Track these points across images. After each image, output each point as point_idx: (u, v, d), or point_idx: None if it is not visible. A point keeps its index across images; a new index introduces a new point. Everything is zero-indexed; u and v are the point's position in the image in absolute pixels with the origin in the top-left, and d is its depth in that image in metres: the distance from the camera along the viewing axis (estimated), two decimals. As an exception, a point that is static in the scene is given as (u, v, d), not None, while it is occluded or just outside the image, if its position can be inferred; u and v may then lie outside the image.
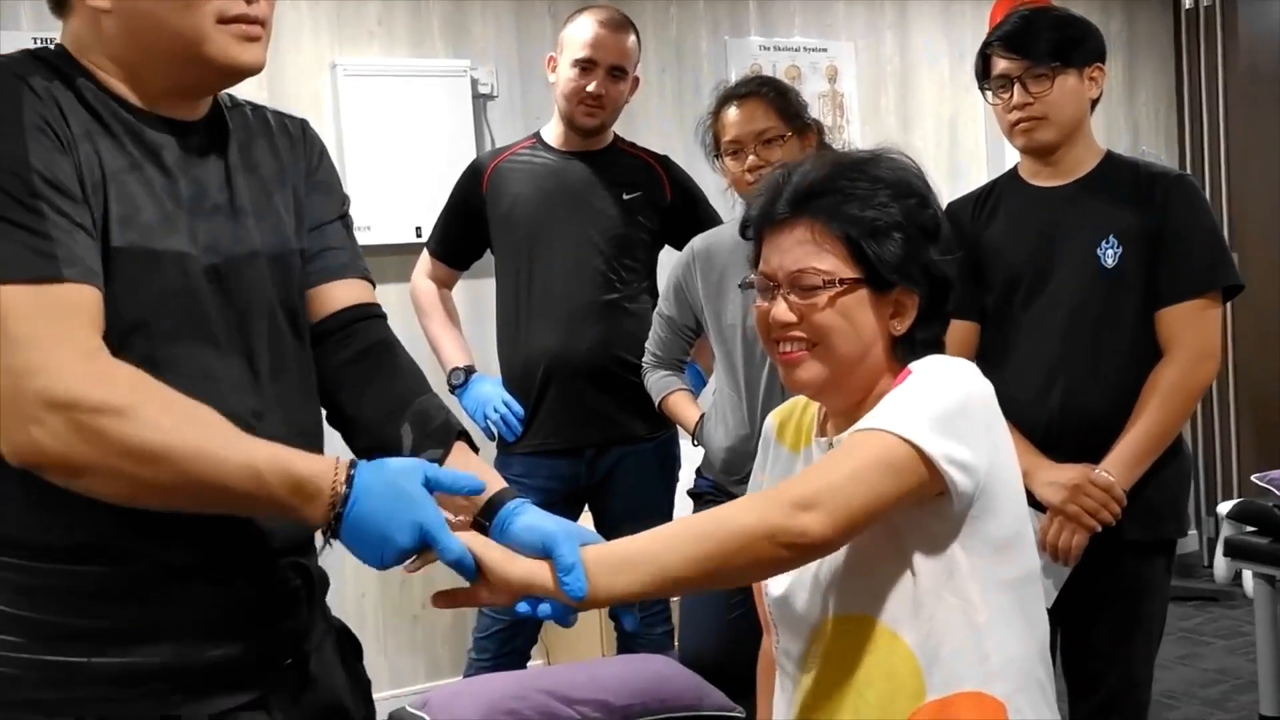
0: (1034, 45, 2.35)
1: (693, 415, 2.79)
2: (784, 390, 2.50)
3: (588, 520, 3.12)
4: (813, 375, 1.46)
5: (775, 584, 1.52)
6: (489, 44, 4.12)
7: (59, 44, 1.35)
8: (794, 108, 2.61)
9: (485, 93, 4.11)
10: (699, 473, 2.81)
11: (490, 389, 3.03)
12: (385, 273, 3.56)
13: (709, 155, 2.68)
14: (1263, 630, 3.62)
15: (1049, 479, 2.29)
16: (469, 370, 3.07)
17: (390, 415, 1.44)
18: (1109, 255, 2.34)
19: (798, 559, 1.35)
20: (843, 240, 1.43)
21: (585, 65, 2.92)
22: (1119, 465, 2.27)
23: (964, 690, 1.40)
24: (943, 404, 1.37)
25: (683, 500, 3.04)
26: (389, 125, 3.89)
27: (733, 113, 2.59)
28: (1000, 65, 2.39)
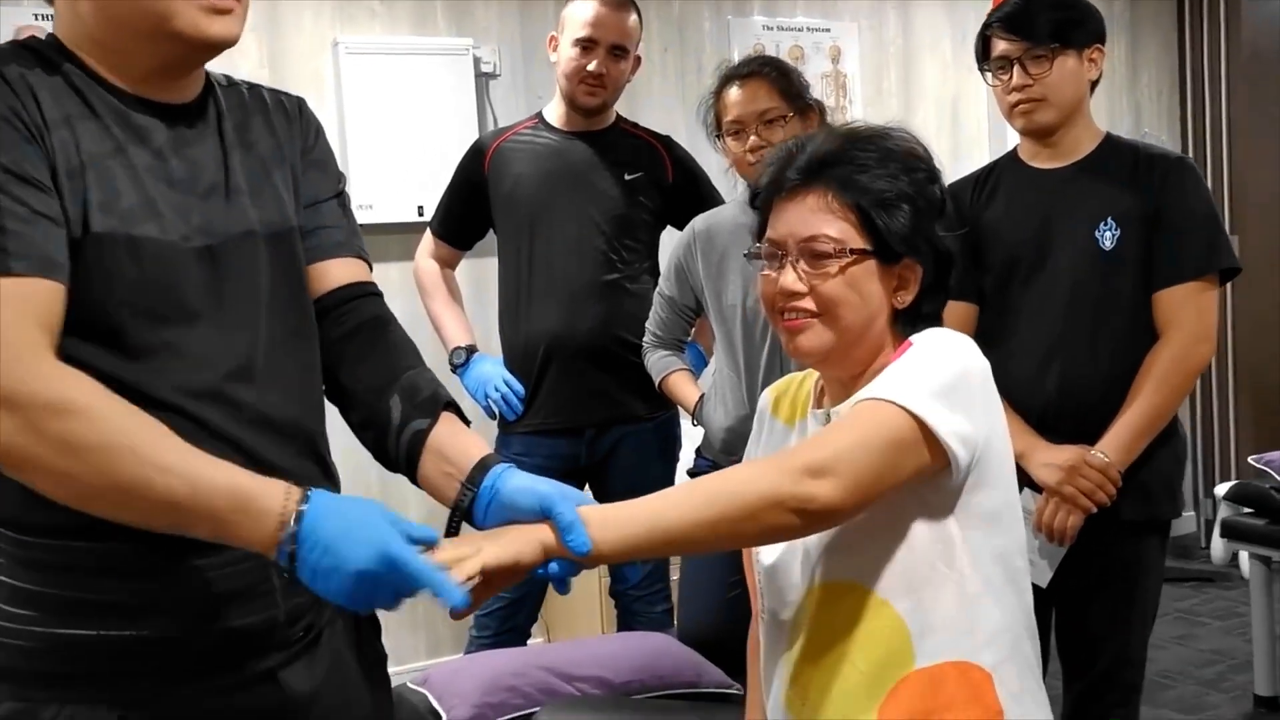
0: (1034, 26, 2.35)
1: (692, 395, 2.80)
2: (784, 370, 2.53)
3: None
4: (817, 343, 1.46)
5: (767, 552, 1.53)
6: (491, 23, 4.11)
7: (50, 33, 1.35)
8: (796, 88, 2.60)
9: (488, 72, 4.11)
10: (698, 453, 2.82)
11: (491, 368, 3.04)
12: (387, 252, 3.58)
13: (710, 135, 2.68)
14: (1258, 611, 3.65)
15: (1045, 460, 2.30)
16: (470, 349, 3.07)
17: (381, 388, 1.44)
18: (1107, 237, 2.35)
19: (808, 525, 1.36)
20: (854, 209, 1.45)
21: (586, 44, 2.92)
22: (1115, 446, 2.28)
23: (952, 659, 1.41)
24: (943, 376, 1.39)
25: (682, 480, 3.06)
26: (391, 104, 3.88)
27: (735, 92, 2.59)
28: (1000, 46, 2.39)
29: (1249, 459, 3.83)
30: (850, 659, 1.44)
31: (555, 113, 3.05)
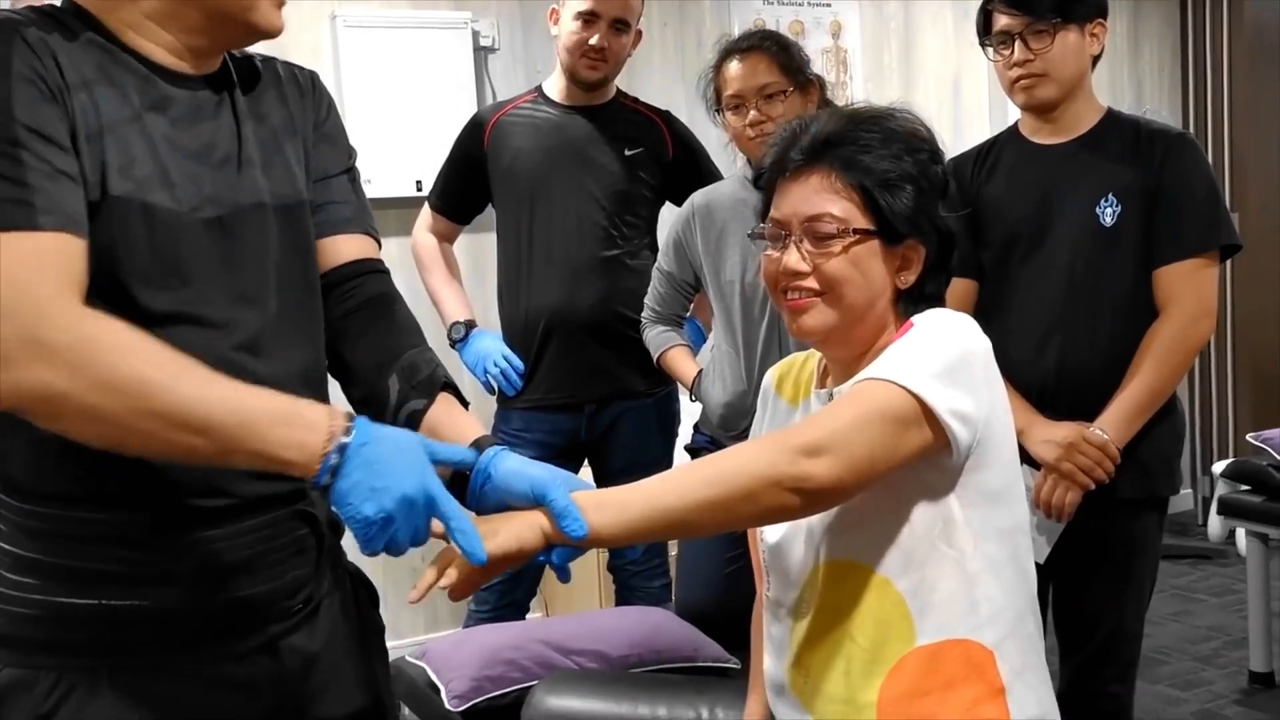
0: (1035, 1, 2.33)
1: (691, 371, 2.80)
2: (782, 346, 2.53)
3: (587, 475, 3.15)
4: (819, 322, 1.47)
5: (771, 531, 1.54)
6: (490, -4, 4.09)
7: (67, 0, 1.35)
8: (796, 63, 2.59)
9: (487, 45, 4.09)
10: (696, 428, 2.82)
11: (490, 343, 3.04)
12: (386, 226, 3.51)
13: (710, 110, 2.67)
14: (1254, 588, 3.66)
15: (1044, 436, 2.30)
16: (469, 325, 3.07)
17: (381, 367, 1.45)
18: (1108, 213, 2.34)
19: (807, 505, 1.36)
20: (857, 190, 1.45)
21: (588, 18, 2.90)
22: (1113, 423, 2.28)
23: (954, 637, 1.42)
24: (945, 356, 1.39)
25: (681, 456, 3.06)
26: (389, 77, 3.87)
27: (734, 67, 2.58)
28: (1001, 21, 2.38)
29: (1247, 436, 3.83)
30: (852, 637, 1.44)
31: (555, 87, 3.04)
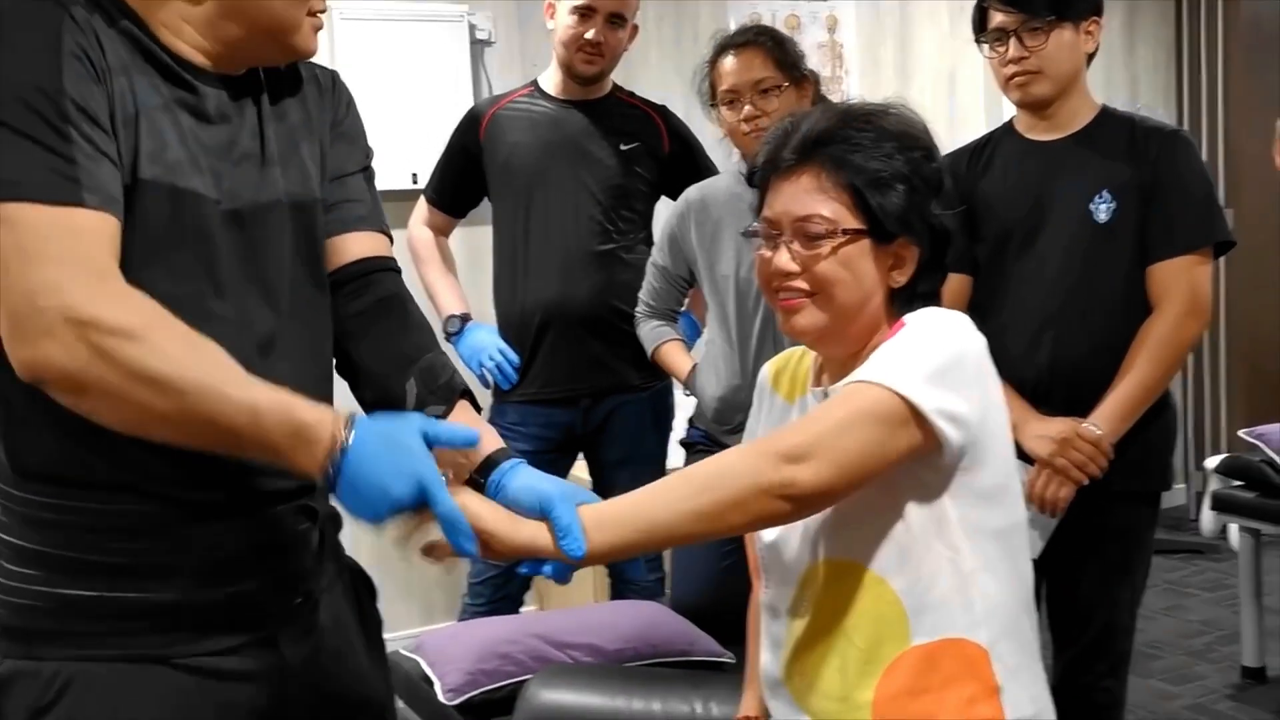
0: (1031, -2, 2.34)
1: (685, 365, 2.80)
2: (776, 341, 2.54)
3: (582, 467, 3.15)
4: (812, 322, 1.47)
5: (767, 530, 1.54)
6: (486, -10, 4.09)
7: None
8: (791, 57, 2.60)
9: (483, 39, 4.09)
10: (691, 422, 2.83)
11: (486, 337, 3.04)
12: (381, 219, 3.56)
13: (705, 104, 2.67)
14: (1246, 583, 3.67)
15: (1037, 432, 2.31)
16: (465, 318, 3.07)
17: (397, 369, 1.45)
18: (1102, 210, 2.35)
19: (798, 510, 1.36)
20: (847, 189, 1.44)
21: (584, 12, 2.90)
22: (1107, 419, 2.29)
23: (949, 636, 1.42)
24: (936, 357, 1.38)
25: (676, 449, 3.07)
26: (385, 70, 3.87)
27: (729, 62, 2.58)
28: (996, 18, 2.38)
29: (1239, 432, 3.84)
30: (848, 635, 1.45)
31: (551, 81, 3.04)
